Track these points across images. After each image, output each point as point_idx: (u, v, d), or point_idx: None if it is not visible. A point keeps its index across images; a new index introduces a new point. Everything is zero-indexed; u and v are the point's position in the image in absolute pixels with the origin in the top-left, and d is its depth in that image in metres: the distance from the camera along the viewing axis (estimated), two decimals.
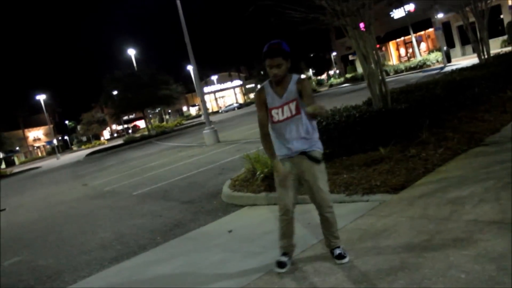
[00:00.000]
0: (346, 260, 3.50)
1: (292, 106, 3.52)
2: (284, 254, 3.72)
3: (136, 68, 42.55)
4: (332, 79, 57.64)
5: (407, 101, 7.15)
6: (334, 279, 3.22)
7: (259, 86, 3.65)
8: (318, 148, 3.66)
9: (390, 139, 6.47)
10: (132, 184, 12.63)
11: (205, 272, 4.21)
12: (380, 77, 7.67)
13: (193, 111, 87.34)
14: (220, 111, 72.63)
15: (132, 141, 40.45)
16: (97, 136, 78.86)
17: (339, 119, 6.76)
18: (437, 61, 33.90)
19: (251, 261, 4.13)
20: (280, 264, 3.63)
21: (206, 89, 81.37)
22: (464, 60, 28.36)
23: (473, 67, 10.85)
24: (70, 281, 5.26)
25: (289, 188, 3.60)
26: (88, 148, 60.49)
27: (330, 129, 6.70)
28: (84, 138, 79.72)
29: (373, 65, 7.61)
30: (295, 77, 3.58)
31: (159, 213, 7.76)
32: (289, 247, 3.75)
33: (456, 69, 10.91)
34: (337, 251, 3.59)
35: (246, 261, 4.16)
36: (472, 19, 12.62)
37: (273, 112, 3.54)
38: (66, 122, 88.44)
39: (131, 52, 42.71)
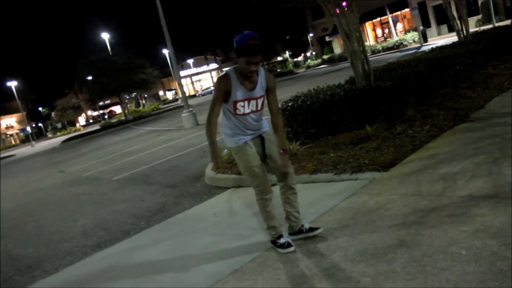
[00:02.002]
0: (320, 230, 3.58)
1: (260, 101, 3.47)
2: (281, 236, 3.62)
3: (110, 52, 41.67)
4: (309, 60, 57.55)
5: (390, 79, 7.08)
6: (330, 259, 3.13)
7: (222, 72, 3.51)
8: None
9: (376, 117, 6.41)
10: (111, 169, 12.38)
11: (194, 255, 4.08)
12: (363, 55, 7.57)
13: (169, 95, 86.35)
14: (197, 94, 71.96)
15: (109, 127, 39.83)
16: (73, 123, 77.36)
17: (323, 97, 6.66)
18: (414, 41, 34.10)
19: (241, 243, 4.02)
20: (288, 245, 3.52)
21: (183, 73, 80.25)
22: (440, 39, 28.60)
23: (453, 45, 10.86)
24: (52, 270, 5.07)
25: (257, 165, 3.52)
26: (64, 134, 59.38)
27: (315, 108, 6.60)
28: (59, 125, 78.11)
29: (355, 44, 7.50)
30: (261, 70, 3.47)
31: (141, 198, 7.59)
32: (280, 228, 3.66)
33: (437, 47, 10.90)
34: (306, 225, 3.66)
35: (236, 244, 4.05)
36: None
37: (239, 104, 3.39)
38: (40, 109, 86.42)
39: (105, 36, 41.80)
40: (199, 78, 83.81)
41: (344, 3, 7.56)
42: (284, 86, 25.68)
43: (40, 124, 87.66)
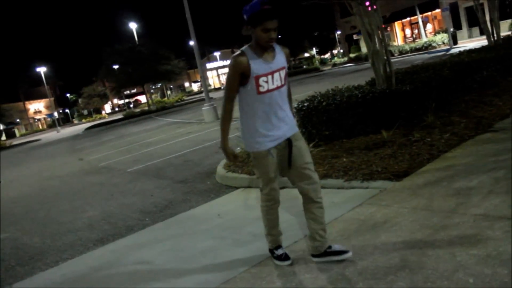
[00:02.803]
0: (350, 254, 3.11)
1: (283, 74, 3.10)
2: (279, 246, 3.40)
3: (137, 42, 41.91)
4: (335, 58, 56.91)
5: (412, 83, 6.78)
6: (327, 276, 2.93)
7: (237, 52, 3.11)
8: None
9: (394, 122, 6.14)
10: (127, 160, 12.39)
11: (189, 261, 3.93)
12: (385, 57, 7.29)
13: (195, 87, 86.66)
14: (222, 87, 72.02)
15: (132, 116, 40.12)
16: (98, 110, 78.43)
17: (340, 99, 6.41)
18: (443, 43, 33.24)
19: (239, 250, 3.85)
20: (286, 257, 3.30)
21: (209, 65, 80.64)
22: (471, 42, 27.79)
23: (481, 49, 10.42)
24: (52, 263, 5.00)
25: (274, 176, 3.19)
26: (89, 121, 60.24)
27: (331, 110, 6.36)
28: (85, 112, 79.29)
29: (377, 44, 7.22)
30: (275, 44, 3.12)
31: (151, 192, 7.50)
32: (279, 238, 3.45)
33: (464, 50, 10.48)
34: (337, 247, 3.19)
35: (234, 251, 3.88)
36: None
37: (261, 80, 2.99)
38: (68, 95, 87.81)
39: (133, 25, 42.03)
40: (226, 71, 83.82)
41: (367, 3, 7.29)
42: (308, 83, 25.38)
43: (67, 110, 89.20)
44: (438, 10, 36.84)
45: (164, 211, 6.13)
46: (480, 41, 21.75)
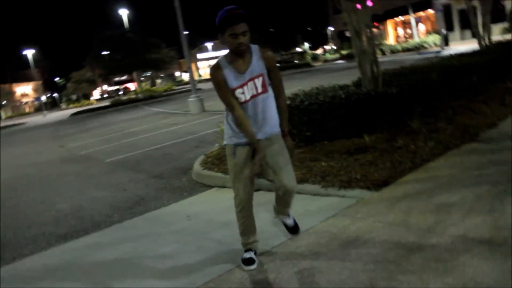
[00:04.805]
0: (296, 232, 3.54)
1: (258, 82, 3.06)
2: (249, 250, 3.31)
3: (127, 29, 41.27)
4: (327, 54, 56.73)
5: (399, 85, 6.55)
6: None
7: (212, 64, 3.13)
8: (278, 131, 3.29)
9: (377, 125, 5.91)
10: (108, 150, 12.09)
11: (149, 264, 3.69)
12: (373, 57, 7.04)
13: (185, 77, 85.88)
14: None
15: (119, 104, 39.57)
16: (87, 96, 77.42)
17: (323, 99, 6.16)
18: (435, 44, 33.16)
19: (202, 257, 3.60)
20: (248, 261, 3.23)
21: (200, 56, 79.95)
22: (462, 45, 27.63)
23: (472, 53, 10.21)
24: (9, 259, 4.73)
25: (248, 179, 3.21)
26: (76, 107, 59.32)
27: (313, 110, 6.11)
28: (74, 97, 78.23)
29: (365, 43, 6.97)
30: (255, 48, 3.08)
31: (124, 186, 7.23)
32: (253, 243, 3.34)
33: (455, 54, 10.27)
34: (290, 222, 3.56)
35: (197, 258, 3.62)
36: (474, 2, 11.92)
37: (237, 92, 3.04)
38: (56, 79, 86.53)
39: (124, 12, 41.32)
40: None
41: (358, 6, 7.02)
42: (298, 79, 25.10)
43: (55, 95, 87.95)
44: (431, 11, 36.75)
45: (134, 208, 5.87)
46: (471, 44, 21.56)
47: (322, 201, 4.32)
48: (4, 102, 71.91)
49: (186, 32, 18.19)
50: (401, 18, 42.34)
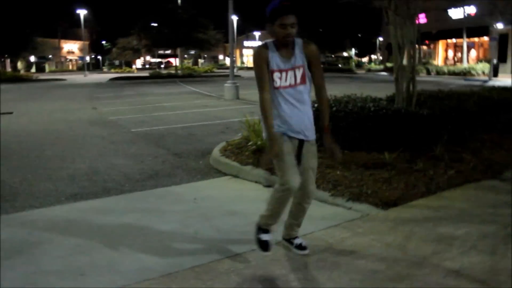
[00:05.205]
0: (307, 251, 3.30)
1: (298, 73, 3.09)
2: (267, 231, 3.28)
3: (180, 5, 41.61)
4: (372, 63, 55.95)
5: (431, 108, 6.41)
6: None
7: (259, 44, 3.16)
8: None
9: (401, 144, 5.81)
10: (136, 119, 12.30)
11: (147, 239, 3.75)
12: (411, 75, 6.92)
13: (229, 61, 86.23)
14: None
15: (158, 77, 40.08)
16: (129, 63, 78.64)
17: (351, 108, 6.09)
18: (483, 73, 32.23)
19: (197, 243, 3.65)
20: (266, 246, 3.22)
21: (247, 43, 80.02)
22: None
23: None
24: (19, 208, 4.89)
25: (293, 164, 3.11)
26: (117, 72, 60.39)
27: (339, 117, 6.05)
28: (117, 62, 79.57)
29: (406, 59, 6.86)
30: (298, 41, 3.12)
31: (143, 158, 7.34)
32: (273, 226, 3.32)
33: (498, 86, 9.98)
34: (298, 241, 3.37)
35: (192, 242, 3.67)
36: None
37: (275, 75, 3.07)
38: (103, 42, 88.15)
39: None
40: None
41: (420, 15, 6.90)
42: (338, 83, 24.83)
43: (99, 57, 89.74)
44: (486, 38, 35.71)
45: (147, 181, 5.96)
46: None
47: (327, 210, 4.29)
48: (50, 56, 73.82)
49: (236, 18, 18.33)
50: (453, 40, 41.30)
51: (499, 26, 31.85)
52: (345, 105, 6.27)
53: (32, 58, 66.37)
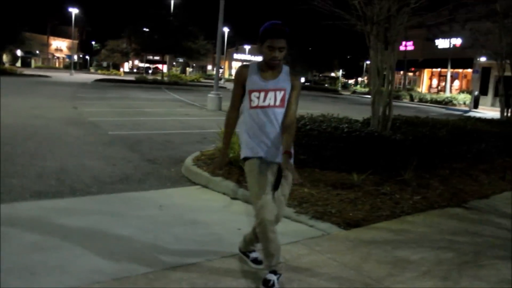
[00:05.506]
0: (262, 266, 3.22)
1: (279, 95, 3.05)
2: (272, 272, 3.03)
3: (172, 12, 41.69)
4: (358, 86, 56.59)
5: (405, 133, 6.51)
6: None
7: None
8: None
9: (371, 167, 5.87)
10: (116, 122, 12.20)
11: (100, 243, 3.71)
12: (388, 99, 7.03)
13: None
14: None
15: (143, 82, 39.86)
16: (117, 66, 78.28)
17: (324, 127, 6.15)
18: (464, 103, 32.87)
19: (155, 250, 3.61)
20: (267, 284, 2.98)
21: (236, 56, 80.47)
22: (491, 111, 27.45)
23: (491, 121, 10.11)
24: None
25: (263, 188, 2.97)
26: (104, 74, 59.99)
27: (312, 135, 6.10)
28: (105, 64, 79.16)
29: (383, 84, 6.97)
30: (286, 68, 3.13)
31: (115, 161, 7.27)
32: (277, 265, 3.05)
33: (474, 117, 10.19)
34: (255, 255, 3.36)
35: (148, 248, 3.64)
36: (508, 73, 11.84)
37: (253, 95, 3.04)
38: (93, 42, 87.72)
39: None
40: None
41: (404, 43, 7.03)
42: (320, 102, 25.13)
43: (87, 57, 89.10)
44: (469, 70, 36.49)
45: (116, 184, 5.91)
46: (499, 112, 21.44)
47: (290, 226, 4.29)
48: (37, 52, 73.09)
49: (227, 30, 18.40)
50: (438, 69, 42.10)
51: (483, 59, 32.58)
52: (319, 124, 6.33)
53: (19, 52, 65.63)
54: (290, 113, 3.10)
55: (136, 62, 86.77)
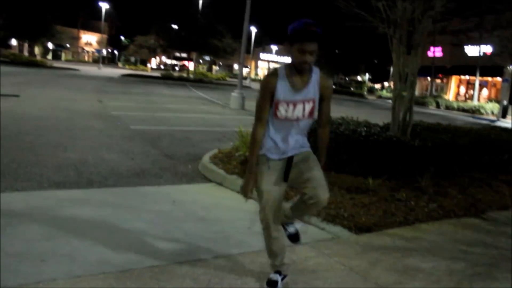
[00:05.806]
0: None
1: (308, 106, 2.85)
2: (277, 272, 3.04)
3: (200, 11, 41.94)
4: (384, 91, 56.00)
5: (425, 140, 6.41)
6: None
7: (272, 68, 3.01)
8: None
9: (387, 172, 5.80)
10: (138, 117, 12.36)
11: (109, 235, 3.76)
12: (409, 104, 6.93)
13: (243, 71, 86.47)
14: None
15: (169, 78, 40.30)
16: (144, 62, 79.15)
17: (342, 130, 6.10)
18: (492, 113, 32.16)
19: (162, 243, 3.65)
20: (271, 284, 2.97)
21: (263, 56, 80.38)
22: None
23: None
24: (2, 188, 4.90)
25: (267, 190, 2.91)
26: (131, 69, 60.83)
27: (329, 138, 6.04)
28: (132, 59, 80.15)
29: (405, 88, 6.87)
30: (316, 70, 2.88)
31: (134, 156, 7.36)
32: (282, 266, 3.07)
33: (499, 127, 9.96)
34: (292, 230, 3.26)
35: (157, 241, 3.67)
36: None
37: (281, 106, 2.81)
38: (122, 37, 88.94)
39: None
40: (276, 66, 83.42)
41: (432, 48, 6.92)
42: (344, 105, 24.87)
43: (116, 52, 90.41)
44: (499, 78, 35.68)
45: (132, 178, 5.98)
46: None
47: (301, 227, 4.27)
48: (67, 45, 74.49)
49: (255, 29, 18.45)
50: (467, 77, 41.30)
51: None
52: (337, 126, 6.28)
53: (50, 45, 67.02)
54: (324, 123, 3.03)
55: (164, 58, 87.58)
